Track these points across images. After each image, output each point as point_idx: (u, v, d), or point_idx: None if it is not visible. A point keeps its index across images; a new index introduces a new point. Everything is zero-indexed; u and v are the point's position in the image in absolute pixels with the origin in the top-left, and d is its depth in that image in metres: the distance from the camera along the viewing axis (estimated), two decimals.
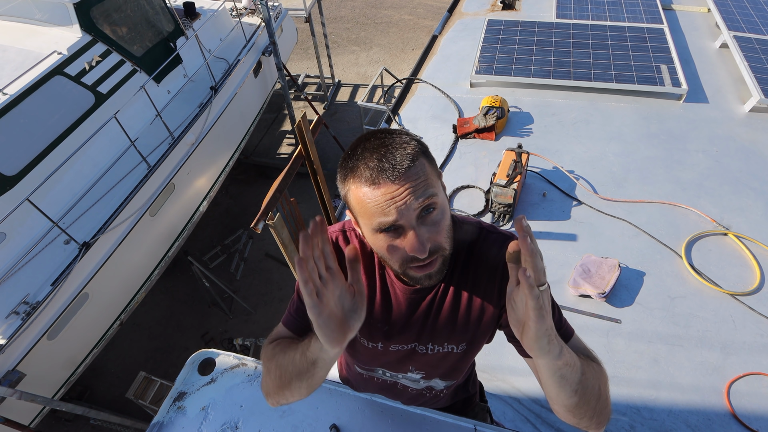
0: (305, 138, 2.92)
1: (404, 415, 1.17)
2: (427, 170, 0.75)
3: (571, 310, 2.54)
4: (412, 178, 0.72)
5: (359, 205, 0.75)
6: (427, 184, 0.73)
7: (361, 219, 0.78)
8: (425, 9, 10.26)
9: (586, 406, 0.77)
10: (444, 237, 0.77)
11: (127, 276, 4.04)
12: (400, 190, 0.71)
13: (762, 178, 3.20)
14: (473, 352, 1.05)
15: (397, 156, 0.72)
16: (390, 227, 0.74)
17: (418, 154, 0.74)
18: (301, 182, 5.66)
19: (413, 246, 0.73)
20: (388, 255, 0.78)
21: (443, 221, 0.77)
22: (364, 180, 0.73)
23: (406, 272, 0.79)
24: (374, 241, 0.78)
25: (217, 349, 1.34)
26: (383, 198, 0.71)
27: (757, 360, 2.28)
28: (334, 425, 1.15)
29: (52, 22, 4.13)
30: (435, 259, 0.77)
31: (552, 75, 4.08)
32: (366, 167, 0.73)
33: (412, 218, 0.73)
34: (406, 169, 0.71)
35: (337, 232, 0.97)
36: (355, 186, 0.75)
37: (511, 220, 3.04)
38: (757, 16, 4.77)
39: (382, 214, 0.72)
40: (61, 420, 4.26)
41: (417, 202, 0.72)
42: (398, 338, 0.98)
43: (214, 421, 1.18)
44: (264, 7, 5.22)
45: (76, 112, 3.86)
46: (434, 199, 0.74)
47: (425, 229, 0.74)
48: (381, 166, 0.72)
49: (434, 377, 1.12)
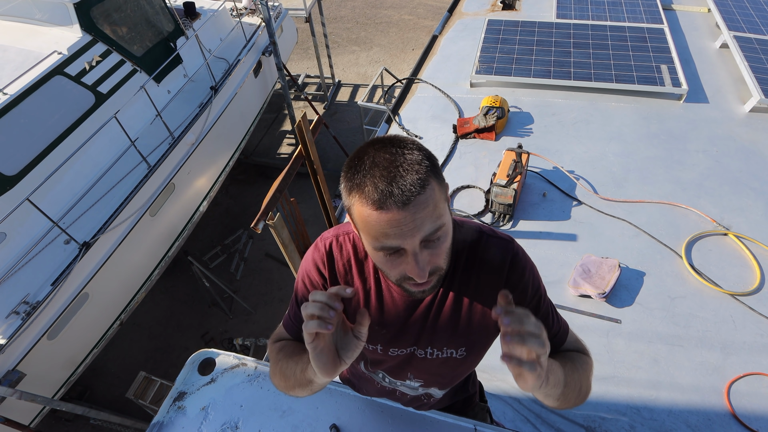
0: (305, 138, 2.92)
1: (404, 415, 1.17)
2: (436, 196, 0.71)
3: (571, 310, 2.54)
4: (421, 207, 0.69)
5: (363, 223, 0.73)
6: (435, 214, 0.71)
7: (364, 235, 0.76)
8: (425, 9, 10.26)
9: (566, 403, 0.85)
10: (443, 259, 0.77)
11: (127, 276, 4.04)
12: (407, 219, 0.68)
13: (762, 178, 3.20)
14: (473, 358, 1.04)
15: (407, 180, 0.68)
16: (391, 249, 0.74)
17: (429, 177, 0.70)
18: (301, 182, 5.66)
19: (413, 271, 0.73)
20: (386, 269, 0.79)
21: (445, 243, 0.76)
22: (371, 202, 0.69)
23: (402, 285, 0.80)
24: (373, 256, 0.79)
25: (217, 349, 1.34)
26: (388, 225, 0.69)
27: (757, 360, 2.28)
28: (334, 425, 1.15)
29: (52, 22, 4.13)
30: (431, 278, 0.78)
31: (552, 75, 4.08)
32: (374, 188, 0.69)
33: (416, 245, 0.71)
34: (415, 197, 0.68)
35: (331, 238, 0.96)
36: (360, 204, 0.71)
37: (511, 220, 3.04)
38: (757, 16, 4.77)
39: (385, 237, 0.71)
40: (61, 420, 4.26)
41: (422, 232, 0.70)
42: (396, 341, 0.98)
43: (214, 421, 1.18)
44: (264, 7, 5.22)
45: (76, 112, 3.86)
46: (440, 229, 0.73)
47: (427, 253, 0.74)
48: (390, 190, 0.68)
49: (433, 385, 1.12)
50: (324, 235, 0.98)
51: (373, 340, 0.99)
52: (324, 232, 1.00)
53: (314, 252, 0.97)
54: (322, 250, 0.95)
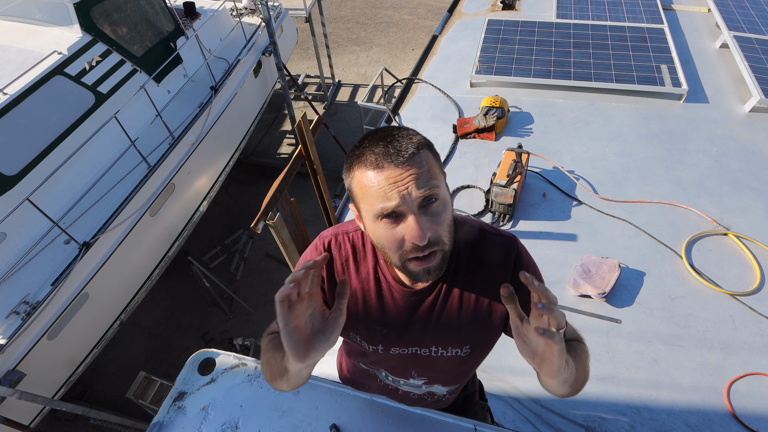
0: (305, 138, 2.92)
1: (404, 415, 1.17)
2: (431, 161, 0.76)
3: (571, 310, 2.53)
4: (416, 164, 0.73)
5: (362, 190, 0.76)
6: (430, 175, 0.74)
7: (363, 205, 0.78)
8: (425, 9, 10.26)
9: (572, 390, 0.84)
10: (444, 230, 0.77)
11: (127, 276, 4.04)
12: (403, 175, 0.72)
13: (762, 178, 3.20)
14: (478, 356, 1.04)
15: (402, 143, 0.74)
16: (391, 213, 0.74)
17: (423, 145, 0.76)
18: (301, 182, 5.65)
19: (413, 232, 0.73)
20: (387, 244, 0.77)
21: (444, 214, 0.77)
22: (369, 164, 0.74)
23: (405, 265, 0.78)
24: (374, 230, 0.78)
25: (217, 349, 1.34)
26: (386, 182, 0.72)
27: (757, 360, 2.28)
28: (334, 425, 1.15)
29: (52, 22, 4.13)
30: (434, 252, 0.76)
31: (552, 75, 4.08)
32: (372, 153, 0.74)
33: (414, 205, 0.73)
34: (410, 156, 0.73)
35: (330, 237, 0.96)
36: (359, 171, 0.76)
37: (511, 220, 3.04)
38: (757, 16, 4.77)
39: (384, 198, 0.73)
40: (61, 420, 4.26)
41: (419, 191, 0.72)
42: (398, 341, 0.98)
43: (214, 421, 1.18)
44: (264, 7, 5.22)
45: (76, 112, 3.86)
46: (437, 190, 0.75)
47: (426, 218, 0.75)
48: (386, 151, 0.73)
49: (436, 383, 1.11)
50: (323, 234, 0.98)
51: (374, 340, 0.98)
52: (323, 231, 1.00)
53: (312, 251, 0.97)
54: (320, 249, 0.96)
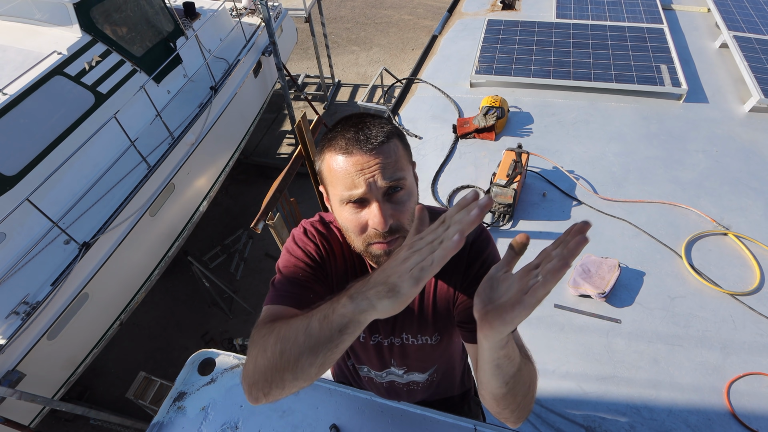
0: (305, 138, 2.92)
1: (404, 415, 1.17)
2: (399, 152, 0.78)
3: (571, 310, 2.54)
4: (384, 153, 0.75)
5: (330, 174, 0.79)
6: (397, 166, 0.77)
7: (331, 188, 0.80)
8: (425, 9, 10.26)
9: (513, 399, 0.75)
10: (407, 219, 0.79)
11: (127, 276, 4.04)
12: (370, 163, 0.74)
13: (762, 178, 3.20)
14: (448, 343, 1.06)
15: (373, 130, 0.77)
16: (357, 200, 0.76)
17: (393, 134, 0.79)
18: (301, 182, 5.65)
19: (376, 218, 0.75)
20: (351, 227, 0.79)
21: (409, 203, 0.79)
22: (338, 148, 0.77)
23: (369, 249, 0.80)
24: (340, 213, 0.81)
25: (217, 349, 1.34)
26: (354, 168, 0.75)
27: (757, 360, 2.28)
28: (334, 425, 1.15)
29: (52, 22, 4.13)
30: (396, 239, 0.78)
31: (552, 75, 4.08)
32: (342, 137, 0.77)
33: (379, 193, 0.75)
34: (379, 144, 0.75)
35: (316, 218, 0.99)
36: (329, 155, 0.79)
37: (511, 220, 3.04)
38: (757, 16, 4.77)
39: (351, 184, 0.75)
40: (61, 420, 4.26)
41: (384, 181, 0.75)
42: (377, 328, 1.01)
43: (214, 421, 1.18)
44: (264, 7, 5.22)
45: (76, 112, 3.86)
46: (402, 181, 0.77)
47: (390, 206, 0.77)
48: (356, 137, 0.76)
49: (415, 370, 1.15)
50: (306, 220, 1.01)
51: None
52: (304, 221, 1.01)
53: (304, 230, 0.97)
54: (311, 229, 0.97)
